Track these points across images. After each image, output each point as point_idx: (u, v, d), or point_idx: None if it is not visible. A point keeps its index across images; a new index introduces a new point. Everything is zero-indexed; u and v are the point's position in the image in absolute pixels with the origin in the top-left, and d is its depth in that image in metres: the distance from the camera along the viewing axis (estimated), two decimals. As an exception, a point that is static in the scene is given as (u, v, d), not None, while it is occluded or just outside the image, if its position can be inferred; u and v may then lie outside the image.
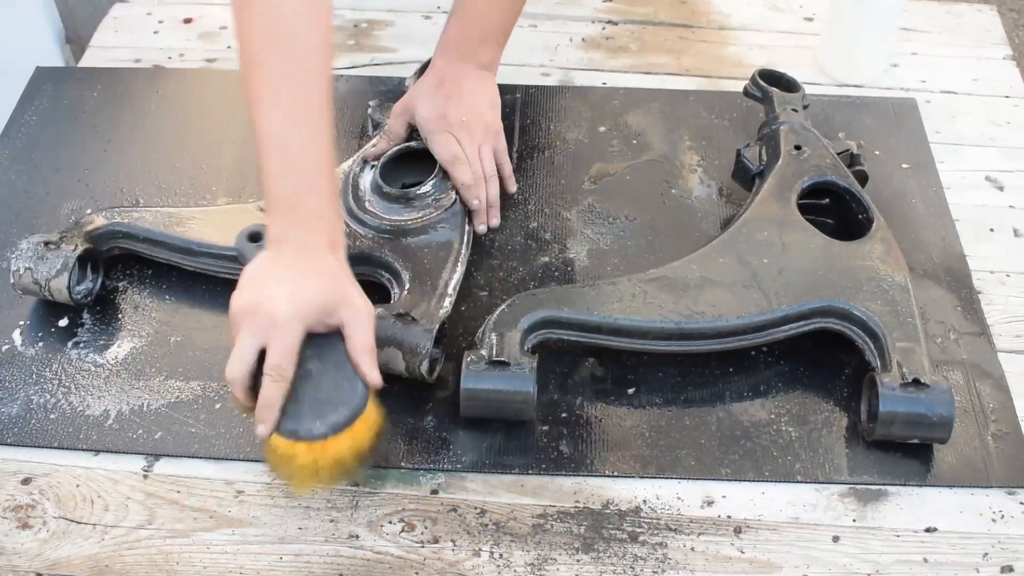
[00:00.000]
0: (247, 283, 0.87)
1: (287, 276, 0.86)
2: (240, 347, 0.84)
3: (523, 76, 1.34)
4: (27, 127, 1.25)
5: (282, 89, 0.89)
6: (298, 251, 0.88)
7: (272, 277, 0.87)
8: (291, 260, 0.87)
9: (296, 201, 0.89)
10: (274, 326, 0.83)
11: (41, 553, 0.88)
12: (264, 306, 0.84)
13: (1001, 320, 1.07)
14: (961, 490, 0.93)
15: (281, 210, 0.89)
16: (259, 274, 0.87)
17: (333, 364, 0.86)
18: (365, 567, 0.88)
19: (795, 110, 1.15)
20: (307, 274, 0.87)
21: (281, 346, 0.83)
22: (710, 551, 0.89)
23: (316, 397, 0.84)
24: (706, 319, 0.98)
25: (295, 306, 0.84)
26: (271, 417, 0.84)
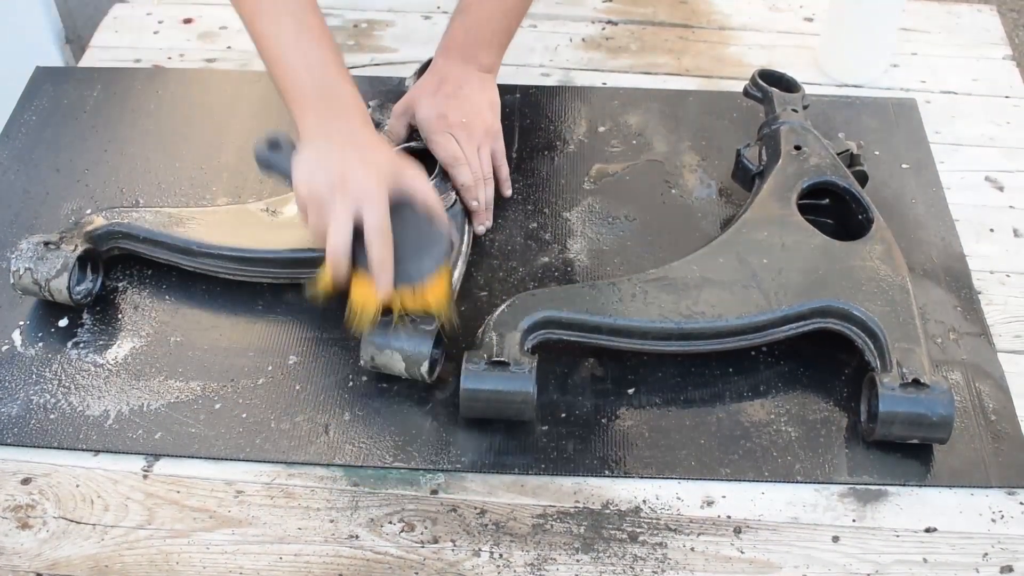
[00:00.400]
0: (312, 167, 0.92)
1: (352, 155, 0.92)
2: (339, 219, 0.90)
3: (523, 76, 1.34)
4: (27, 127, 1.25)
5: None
6: (345, 135, 0.94)
7: (338, 156, 0.92)
8: (344, 142, 0.94)
9: (328, 93, 0.95)
10: (366, 193, 0.90)
11: (41, 553, 0.88)
12: (351, 176, 0.90)
13: (1001, 320, 1.07)
14: (961, 490, 0.93)
15: (314, 105, 0.95)
16: (320, 157, 0.92)
17: (411, 221, 0.93)
18: (365, 567, 0.88)
19: (795, 110, 1.15)
20: (367, 149, 0.94)
21: (378, 211, 0.90)
22: (710, 551, 0.89)
23: (409, 248, 0.92)
24: (706, 319, 0.98)
25: (377, 175, 0.91)
26: (389, 272, 0.91)
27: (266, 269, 1.07)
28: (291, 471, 0.94)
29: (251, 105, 1.29)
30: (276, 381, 1.00)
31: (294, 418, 0.97)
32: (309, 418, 0.97)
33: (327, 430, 0.96)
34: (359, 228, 0.91)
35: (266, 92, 1.31)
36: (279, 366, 1.01)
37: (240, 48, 1.38)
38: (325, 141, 0.94)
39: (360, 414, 0.98)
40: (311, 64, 0.95)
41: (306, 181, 0.92)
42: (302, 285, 1.07)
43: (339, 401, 0.98)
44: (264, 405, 0.98)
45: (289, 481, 0.93)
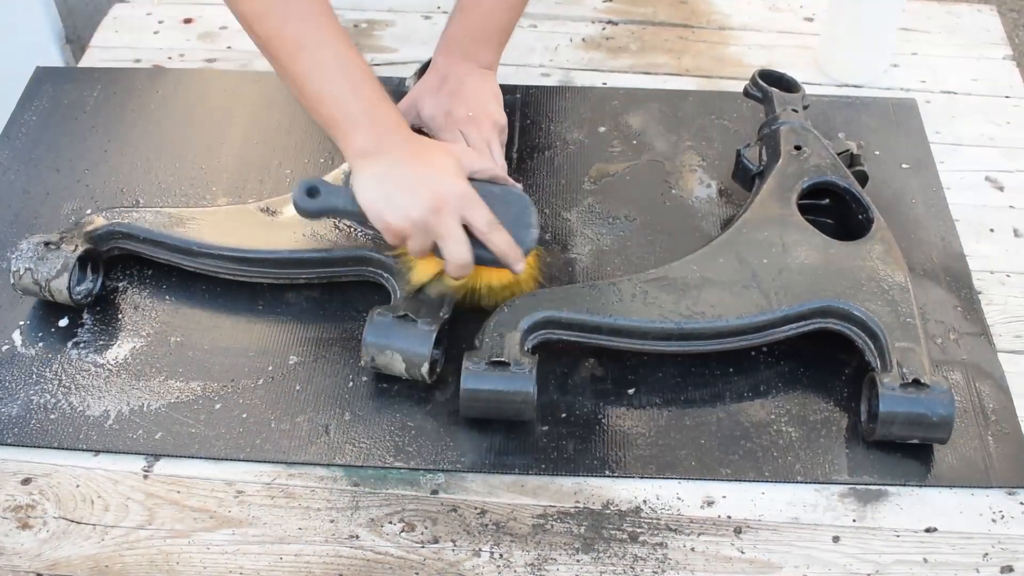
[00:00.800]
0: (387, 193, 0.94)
1: (422, 166, 0.95)
2: (454, 233, 0.94)
3: (523, 76, 1.34)
4: (27, 127, 1.25)
5: (320, 30, 0.96)
6: (401, 147, 0.96)
7: (411, 172, 0.95)
8: (404, 155, 0.96)
9: (376, 113, 0.97)
10: (462, 199, 0.94)
11: (41, 553, 0.88)
12: (445, 191, 0.94)
13: (1001, 320, 1.07)
14: (961, 490, 0.93)
15: (364, 125, 0.96)
16: (390, 179, 0.94)
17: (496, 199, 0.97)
18: (365, 567, 0.88)
19: (795, 110, 1.15)
20: (430, 155, 0.97)
21: (479, 207, 0.95)
22: (710, 551, 0.89)
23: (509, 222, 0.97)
24: (706, 319, 0.98)
25: (459, 176, 0.95)
26: (518, 252, 0.97)
27: (266, 269, 1.07)
28: (291, 471, 0.94)
29: (251, 105, 1.29)
30: (276, 381, 1.00)
31: (294, 418, 0.97)
32: (309, 418, 0.97)
33: (327, 430, 0.96)
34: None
35: (266, 92, 1.31)
36: (279, 366, 1.01)
37: (240, 48, 1.38)
38: (384, 158, 0.95)
39: (360, 414, 0.98)
40: (357, 90, 0.96)
41: (393, 211, 0.93)
42: (302, 285, 1.07)
43: (339, 401, 0.99)
44: (264, 405, 0.98)
45: (289, 481, 0.93)
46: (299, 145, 1.23)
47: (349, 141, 0.96)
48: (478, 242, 0.95)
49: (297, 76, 0.97)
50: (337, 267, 1.07)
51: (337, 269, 1.07)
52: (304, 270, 1.07)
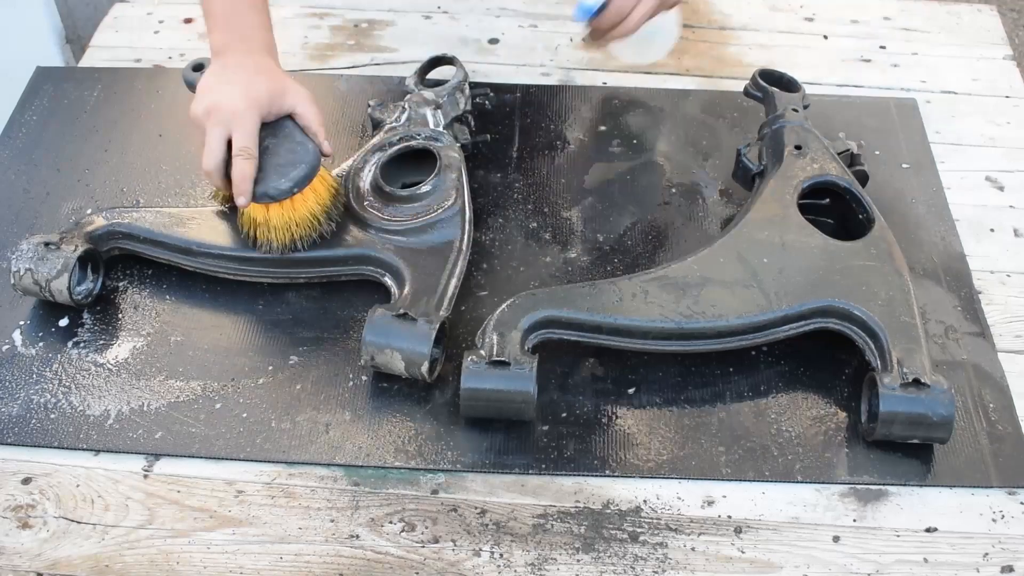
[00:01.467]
0: (203, 91, 1.03)
1: (236, 77, 1.03)
2: (210, 141, 1.00)
3: (523, 76, 1.34)
4: (27, 127, 1.25)
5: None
6: (240, 58, 1.05)
7: (224, 80, 1.03)
8: (236, 65, 1.04)
9: (235, 17, 1.07)
10: (235, 116, 1.00)
11: (41, 553, 0.88)
12: (223, 103, 1.00)
13: (1001, 320, 1.07)
14: (961, 490, 0.93)
15: (222, 26, 1.07)
16: (211, 81, 1.04)
17: (285, 138, 1.03)
18: (365, 567, 0.88)
19: (795, 110, 1.15)
20: (252, 73, 1.03)
21: (244, 130, 1.00)
22: (710, 551, 0.89)
23: (277, 164, 1.01)
24: (706, 319, 0.98)
25: (249, 98, 1.01)
26: (248, 188, 1.00)
27: (266, 268, 1.07)
28: (292, 471, 0.94)
29: (251, 105, 1.29)
30: (277, 381, 1.00)
31: (295, 418, 0.97)
32: (309, 418, 0.97)
33: (327, 430, 0.96)
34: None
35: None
36: (279, 366, 1.01)
37: (240, 48, 1.38)
38: (221, 62, 1.05)
39: (360, 414, 0.98)
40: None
41: (195, 104, 1.02)
42: (302, 285, 1.07)
43: (340, 401, 0.99)
44: (265, 405, 0.98)
45: (290, 481, 0.93)
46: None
47: (209, 35, 1.08)
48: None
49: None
50: (337, 267, 1.07)
51: (337, 269, 1.07)
52: (304, 270, 1.07)
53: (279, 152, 1.02)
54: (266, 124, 1.03)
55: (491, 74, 1.34)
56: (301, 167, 1.01)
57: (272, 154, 1.02)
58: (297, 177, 1.01)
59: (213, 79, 1.04)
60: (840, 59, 1.38)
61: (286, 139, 1.03)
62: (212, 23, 1.08)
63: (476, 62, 1.35)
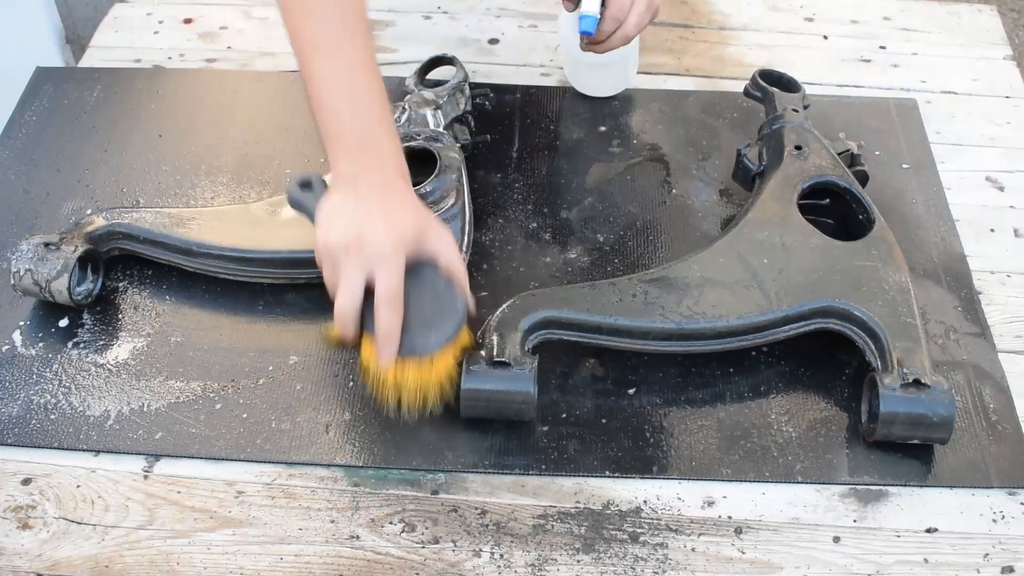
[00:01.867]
0: (332, 218, 0.89)
1: (376, 209, 0.88)
2: (350, 281, 0.87)
3: (523, 76, 1.34)
4: (27, 127, 1.25)
5: (340, 35, 0.92)
6: (375, 186, 0.90)
7: (361, 211, 0.88)
8: (372, 194, 0.90)
9: (368, 139, 0.92)
10: (381, 257, 0.86)
11: (41, 553, 0.88)
12: (367, 238, 0.86)
13: (1001, 320, 1.07)
14: (962, 490, 0.93)
15: (352, 149, 0.91)
16: (343, 209, 0.89)
17: (429, 287, 0.90)
18: (365, 568, 0.88)
19: (795, 110, 1.15)
20: (394, 206, 0.90)
21: (392, 276, 0.86)
22: (711, 552, 0.89)
23: (421, 316, 0.89)
24: (706, 319, 0.98)
25: (396, 236, 0.87)
26: (395, 343, 0.87)
27: (266, 269, 1.07)
28: (292, 471, 0.94)
29: (251, 105, 1.29)
30: (277, 381, 1.00)
31: (295, 418, 0.97)
32: (310, 418, 0.97)
33: (328, 430, 0.96)
34: (371, 291, 0.87)
35: (266, 92, 1.31)
36: (280, 366, 1.01)
37: (240, 48, 1.38)
38: (352, 190, 0.90)
39: (361, 414, 0.98)
40: (356, 109, 0.92)
41: (324, 233, 0.89)
42: (302, 285, 1.07)
43: (340, 401, 0.98)
44: (265, 405, 0.98)
45: (290, 481, 0.93)
46: (299, 145, 1.23)
47: (334, 161, 0.92)
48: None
49: (306, 77, 0.93)
50: (337, 267, 1.06)
51: (337, 269, 1.06)
52: (304, 270, 1.06)
53: (422, 303, 0.89)
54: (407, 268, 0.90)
55: (491, 74, 1.34)
56: (449, 323, 0.90)
57: (414, 304, 0.89)
58: (446, 334, 0.90)
59: (344, 207, 0.89)
60: (840, 59, 1.38)
61: (430, 288, 0.91)
62: (339, 143, 0.92)
63: (476, 62, 1.35)
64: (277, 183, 1.18)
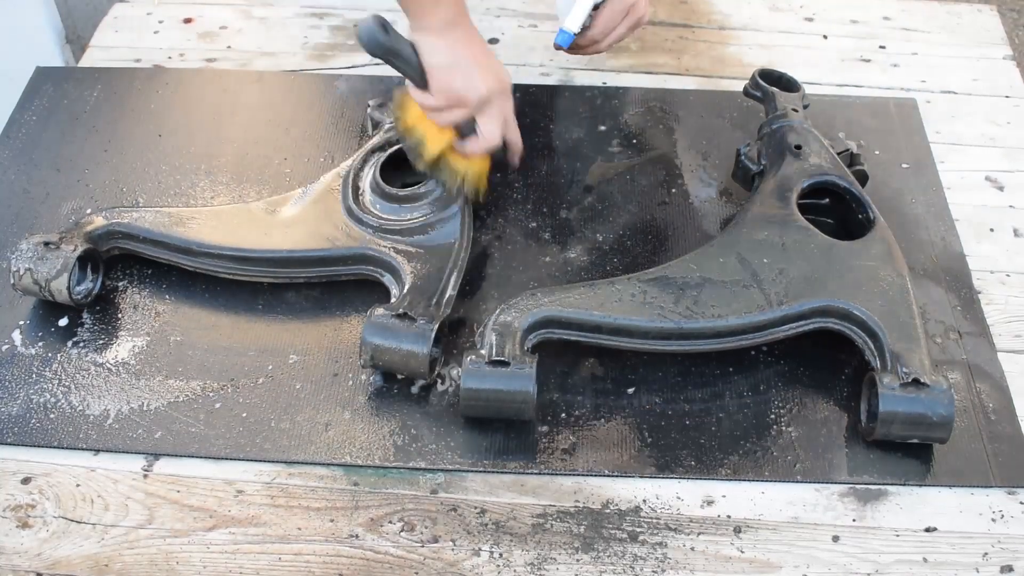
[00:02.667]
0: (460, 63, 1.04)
1: (483, 56, 1.06)
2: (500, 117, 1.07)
3: (523, 76, 1.34)
4: (27, 127, 1.25)
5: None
6: (470, 33, 1.07)
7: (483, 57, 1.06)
8: (472, 41, 1.06)
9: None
10: (508, 95, 1.08)
11: (41, 552, 0.88)
12: (506, 83, 1.08)
13: (1001, 320, 1.07)
14: (961, 490, 0.93)
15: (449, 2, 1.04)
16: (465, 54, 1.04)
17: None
18: (365, 567, 0.88)
19: (795, 110, 1.15)
20: (487, 51, 1.08)
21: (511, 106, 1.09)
22: (710, 551, 0.89)
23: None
24: (706, 319, 0.98)
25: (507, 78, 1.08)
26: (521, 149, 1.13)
27: (266, 269, 1.07)
28: (291, 470, 0.94)
29: (251, 105, 1.29)
30: (276, 380, 1.00)
31: (294, 417, 0.97)
32: (309, 417, 0.97)
33: (327, 429, 0.96)
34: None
35: (266, 92, 1.31)
36: (279, 365, 1.01)
37: (240, 48, 1.38)
38: (452, 36, 1.04)
39: (360, 413, 0.98)
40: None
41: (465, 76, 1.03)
42: (302, 284, 1.07)
43: (339, 400, 0.99)
44: (264, 404, 0.98)
45: (289, 480, 0.93)
46: (299, 145, 1.23)
47: (424, 10, 1.03)
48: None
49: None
50: (337, 266, 1.07)
51: (337, 268, 1.07)
52: (304, 269, 1.07)
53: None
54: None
55: (491, 74, 1.34)
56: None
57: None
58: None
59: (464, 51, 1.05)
60: (840, 59, 1.38)
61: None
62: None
63: (476, 62, 1.35)
64: (277, 183, 1.18)
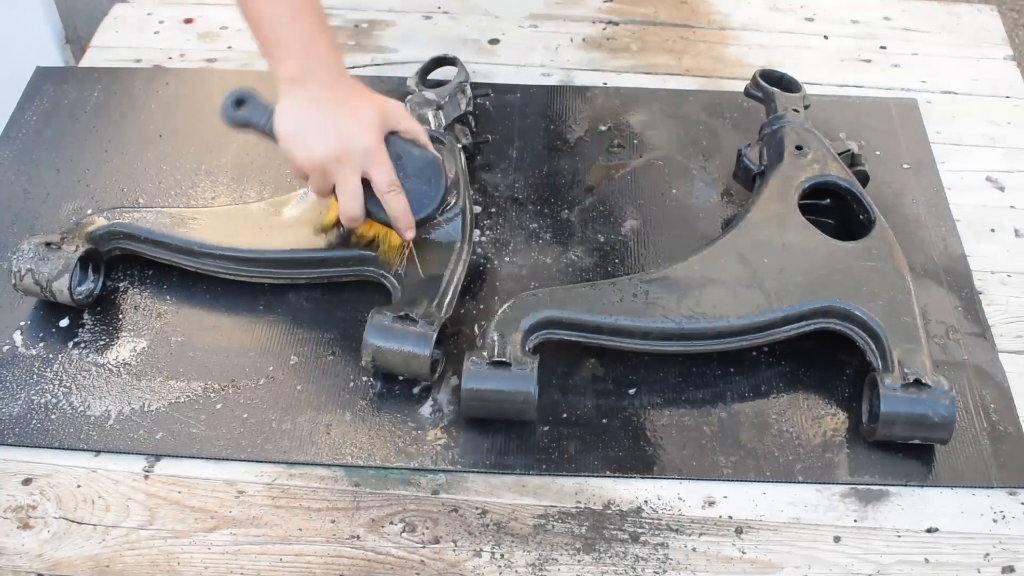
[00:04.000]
0: (302, 130, 0.95)
1: (339, 108, 0.96)
2: (349, 186, 0.96)
3: (523, 76, 1.34)
4: (27, 127, 1.25)
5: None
6: (327, 83, 0.97)
7: (330, 118, 0.96)
8: (327, 92, 0.97)
9: (311, 43, 0.98)
10: (370, 154, 0.95)
11: (42, 553, 0.88)
12: (353, 143, 0.94)
13: (1002, 320, 1.07)
14: (962, 490, 0.93)
15: (297, 53, 0.97)
16: (307, 116, 0.96)
17: (406, 159, 0.99)
18: (366, 567, 0.88)
19: (796, 110, 1.15)
20: (353, 99, 0.97)
21: (384, 165, 0.96)
22: (711, 551, 0.89)
23: (416, 187, 0.99)
24: (707, 319, 0.98)
25: (373, 130, 0.95)
26: (411, 219, 0.98)
27: (267, 269, 1.07)
28: (292, 471, 0.94)
29: (251, 105, 1.29)
30: (277, 381, 1.00)
31: (295, 418, 0.97)
32: (310, 418, 0.97)
33: (328, 430, 0.96)
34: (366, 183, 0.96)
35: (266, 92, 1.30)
36: (280, 366, 1.01)
37: (240, 48, 1.38)
38: (304, 93, 0.96)
39: (361, 414, 0.98)
40: (297, 14, 0.97)
41: (304, 150, 0.95)
42: (303, 285, 1.07)
43: (340, 401, 0.99)
44: (265, 405, 0.98)
45: (290, 481, 0.93)
46: (299, 145, 1.23)
47: (279, 66, 0.97)
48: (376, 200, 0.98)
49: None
50: (337, 267, 1.07)
51: (337, 269, 1.07)
52: (304, 270, 1.07)
53: (408, 175, 0.99)
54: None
55: (491, 74, 1.34)
56: (438, 180, 1.00)
57: (404, 179, 0.98)
58: (441, 190, 1.00)
59: (312, 114, 0.96)
60: (840, 59, 1.38)
61: (407, 159, 0.99)
62: (282, 52, 0.98)
63: (476, 62, 1.35)
64: (278, 183, 1.18)
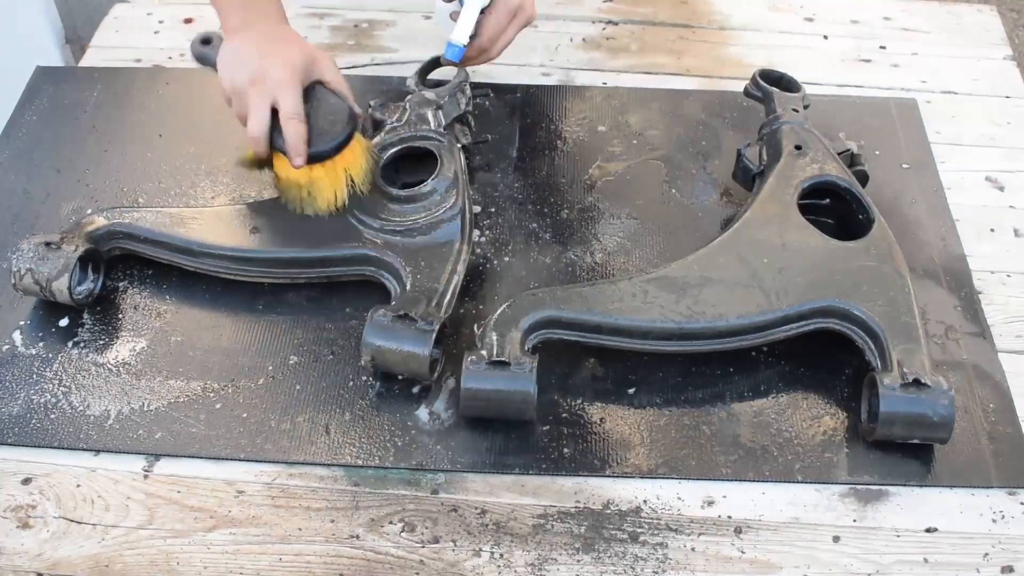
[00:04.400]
0: (233, 62, 1.06)
1: (270, 48, 1.06)
2: (258, 108, 1.03)
3: (523, 76, 1.34)
4: (27, 127, 1.25)
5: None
6: (264, 32, 1.08)
7: (256, 52, 1.05)
8: (264, 36, 1.08)
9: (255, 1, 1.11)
10: (281, 83, 1.03)
11: (42, 553, 0.88)
12: (269, 71, 1.03)
13: (1002, 320, 1.07)
14: (961, 490, 0.93)
15: (239, 6, 1.11)
16: (241, 53, 1.06)
17: (321, 102, 1.07)
18: (365, 567, 0.88)
19: (796, 110, 1.15)
20: (284, 43, 1.07)
21: (292, 97, 1.04)
22: (710, 551, 0.89)
23: (320, 125, 1.05)
24: (706, 319, 0.98)
25: (290, 66, 1.04)
26: (304, 148, 1.03)
27: (266, 269, 1.07)
28: (292, 471, 0.94)
29: (251, 105, 1.29)
30: (277, 381, 1.00)
31: (295, 418, 0.97)
32: (310, 418, 0.97)
33: (328, 430, 0.96)
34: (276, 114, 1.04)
35: (266, 92, 1.30)
36: (280, 366, 1.01)
37: (240, 48, 1.38)
38: (243, 37, 1.07)
39: (361, 414, 0.98)
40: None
41: (229, 75, 1.06)
42: (303, 285, 1.07)
43: (340, 401, 0.99)
44: (265, 405, 0.98)
45: (290, 481, 0.93)
46: (299, 145, 1.23)
47: (226, 19, 1.11)
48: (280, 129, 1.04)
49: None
50: (337, 267, 1.07)
51: (337, 269, 1.07)
52: (304, 270, 1.07)
53: (319, 115, 1.06)
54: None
55: (491, 74, 1.34)
56: (343, 126, 1.06)
57: (313, 117, 1.05)
58: (343, 134, 1.05)
59: (244, 49, 1.06)
60: (840, 59, 1.38)
61: (322, 103, 1.07)
62: (228, 5, 1.11)
63: (476, 62, 1.35)
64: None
